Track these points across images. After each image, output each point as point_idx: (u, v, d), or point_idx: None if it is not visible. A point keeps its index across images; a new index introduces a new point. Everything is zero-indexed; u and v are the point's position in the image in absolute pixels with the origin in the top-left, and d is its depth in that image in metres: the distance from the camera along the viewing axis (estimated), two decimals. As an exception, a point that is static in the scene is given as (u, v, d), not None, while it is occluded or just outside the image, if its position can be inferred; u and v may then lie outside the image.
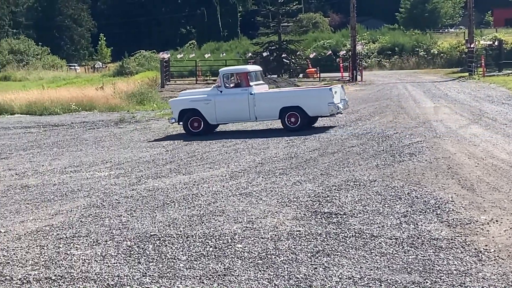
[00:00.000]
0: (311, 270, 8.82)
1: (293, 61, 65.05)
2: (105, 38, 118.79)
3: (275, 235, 10.55)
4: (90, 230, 11.41)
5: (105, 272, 9.03)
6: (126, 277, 8.78)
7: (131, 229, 11.36)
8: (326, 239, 10.16)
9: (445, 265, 8.66)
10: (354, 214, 11.59)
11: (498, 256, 8.92)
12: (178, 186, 15.03)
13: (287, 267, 8.98)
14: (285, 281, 8.48)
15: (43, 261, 9.67)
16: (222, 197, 13.57)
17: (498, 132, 20.81)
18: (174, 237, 10.67)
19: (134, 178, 16.60)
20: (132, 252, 9.96)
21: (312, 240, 10.22)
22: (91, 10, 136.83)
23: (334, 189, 13.70)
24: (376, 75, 62.28)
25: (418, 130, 22.05)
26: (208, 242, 10.28)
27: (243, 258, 9.47)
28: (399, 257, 9.10)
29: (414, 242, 9.70)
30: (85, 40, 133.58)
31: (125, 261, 9.52)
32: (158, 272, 8.96)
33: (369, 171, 15.39)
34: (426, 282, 8.10)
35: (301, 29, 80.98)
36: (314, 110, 24.05)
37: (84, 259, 9.66)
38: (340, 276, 8.52)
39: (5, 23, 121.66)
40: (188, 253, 9.78)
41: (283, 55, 64.05)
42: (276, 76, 53.71)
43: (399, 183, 13.81)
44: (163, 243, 10.34)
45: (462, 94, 36.98)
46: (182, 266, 9.17)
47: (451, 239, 9.74)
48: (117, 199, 14.02)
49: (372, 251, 9.41)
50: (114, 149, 22.90)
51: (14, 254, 10.13)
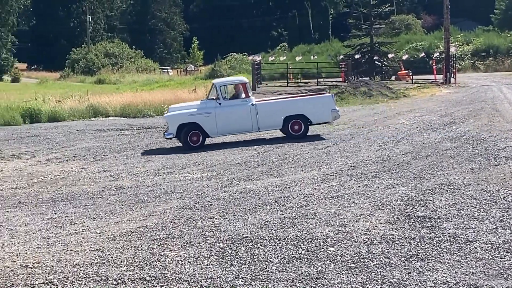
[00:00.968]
0: (405, 275, 8.70)
1: (385, 63, 64.44)
2: (197, 41, 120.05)
3: (368, 239, 10.45)
4: (183, 232, 11.51)
5: (198, 273, 9.09)
6: (219, 278, 8.82)
7: (224, 231, 11.42)
8: (419, 244, 10.01)
9: (544, 272, 8.44)
10: (448, 218, 11.39)
11: None
12: (270, 189, 15.04)
13: (381, 271, 8.88)
14: (378, 285, 8.39)
15: (138, 261, 9.80)
16: (314, 200, 13.52)
17: None
18: (266, 239, 10.68)
19: (226, 180, 16.70)
20: (224, 254, 10.00)
21: (405, 244, 10.09)
22: (184, 14, 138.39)
23: (428, 192, 13.50)
24: (470, 77, 61.18)
25: (514, 133, 21.57)
26: (300, 245, 10.25)
27: (336, 261, 9.41)
28: (495, 262, 8.90)
29: (510, 248, 9.47)
30: (177, 43, 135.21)
31: (217, 262, 9.57)
32: (251, 274, 8.97)
33: (463, 175, 15.11)
34: (524, 289, 7.90)
35: (393, 31, 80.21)
36: (317, 117, 24.47)
37: (177, 261, 9.75)
38: (434, 281, 8.39)
39: (100, 27, 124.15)
40: (280, 255, 9.77)
41: (375, 57, 63.54)
42: (367, 78, 53.30)
43: (495, 187, 13.52)
44: (255, 246, 10.36)
45: (560, 96, 36.02)
46: (275, 269, 9.16)
47: (550, 245, 9.48)
48: (209, 201, 14.12)
49: (467, 256, 9.23)
50: (206, 151, 23.09)
51: (109, 254, 10.29)
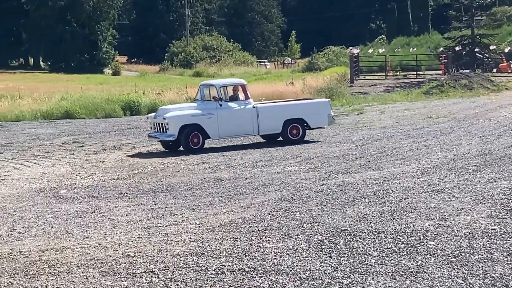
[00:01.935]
0: (508, 270, 8.52)
1: (486, 55, 63.11)
2: (295, 34, 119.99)
3: (469, 233, 10.27)
4: (281, 224, 11.53)
5: (296, 265, 9.09)
6: (317, 271, 8.80)
7: (322, 223, 11.39)
8: (523, 239, 9.78)
9: None
10: (553, 213, 11.09)
11: None
12: (368, 182, 14.93)
13: (482, 266, 8.71)
14: (480, 280, 8.23)
15: (237, 252, 9.86)
16: (414, 193, 13.35)
17: None
18: (365, 232, 10.60)
19: (324, 173, 16.65)
20: (323, 246, 9.97)
21: (508, 239, 9.88)
22: (281, 7, 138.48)
23: (532, 187, 13.17)
24: None
25: None
26: (399, 239, 10.14)
27: (436, 255, 9.27)
28: None
29: None
30: (275, 36, 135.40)
31: (316, 255, 9.55)
32: (350, 267, 8.92)
33: None
34: None
35: (495, 22, 78.35)
36: (315, 121, 24.18)
37: (276, 252, 9.76)
38: (539, 277, 8.18)
39: (198, 20, 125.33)
40: (379, 249, 9.69)
41: (476, 50, 62.29)
42: (468, 71, 52.30)
43: None
44: (354, 238, 10.29)
45: None
46: (374, 262, 9.08)
47: None
48: (307, 194, 14.10)
49: None
50: (303, 144, 23.09)
51: (208, 245, 10.38)
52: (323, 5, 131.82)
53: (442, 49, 66.32)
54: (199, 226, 11.75)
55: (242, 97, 23.52)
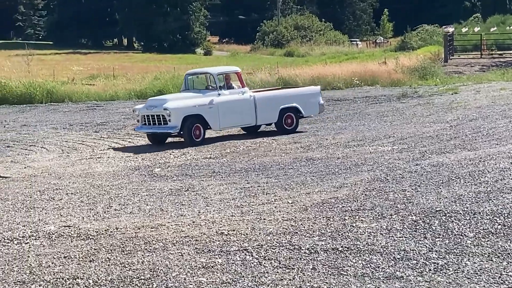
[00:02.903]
0: None
1: None
2: (388, 13, 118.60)
3: None
4: (374, 204, 11.45)
5: (390, 245, 9.02)
6: (412, 251, 8.71)
7: (416, 204, 11.26)
8: None
9: None
10: None
11: None
12: (463, 162, 14.68)
13: None
14: None
15: (330, 232, 9.84)
16: (510, 174, 13.06)
17: None
18: (460, 213, 10.43)
19: (418, 153, 16.45)
20: (417, 227, 9.86)
21: None
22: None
23: None
24: None
25: None
26: (496, 220, 9.95)
27: (534, 238, 9.07)
28: None
29: None
30: (367, 15, 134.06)
31: (410, 235, 9.45)
32: (445, 248, 8.80)
33: None
34: None
35: None
36: (308, 110, 23.29)
37: (369, 232, 9.71)
38: None
39: (290, 0, 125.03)
40: (475, 230, 9.53)
41: None
42: None
43: None
44: (449, 219, 10.14)
45: None
46: (469, 243, 8.94)
47: None
48: (401, 174, 13.96)
49: None
50: (396, 124, 22.86)
51: (301, 224, 10.39)
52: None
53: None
54: (292, 205, 11.77)
55: (235, 85, 22.35)
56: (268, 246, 9.26)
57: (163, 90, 39.85)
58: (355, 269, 8.17)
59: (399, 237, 9.39)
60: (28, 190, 14.60)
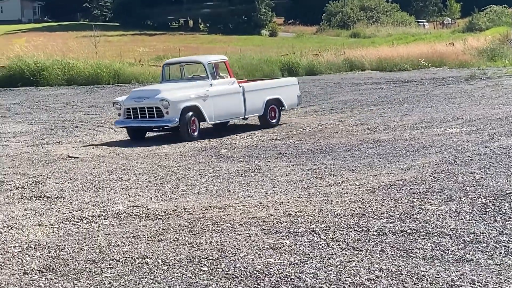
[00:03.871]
0: None
1: None
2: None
3: None
4: (443, 186, 11.31)
5: (460, 228, 8.90)
6: (482, 234, 8.58)
7: (486, 186, 11.09)
8: None
9: None
10: None
11: None
12: (534, 145, 14.40)
13: None
14: None
15: (398, 214, 9.75)
16: None
17: None
18: (531, 197, 10.25)
19: (487, 135, 16.20)
20: (487, 209, 9.71)
21: None
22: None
23: None
24: None
25: None
26: None
27: None
28: None
29: None
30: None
31: (480, 218, 9.31)
32: (517, 231, 8.66)
33: None
34: None
35: None
36: (290, 102, 21.79)
37: (438, 215, 9.59)
38: None
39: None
40: (547, 214, 9.35)
41: None
42: None
43: None
44: (520, 203, 9.97)
45: None
46: (542, 227, 8.78)
47: None
48: (469, 156, 13.76)
49: None
50: (465, 105, 22.55)
51: (369, 206, 10.33)
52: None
53: None
54: (359, 187, 11.70)
55: (224, 75, 20.63)
56: (335, 227, 9.22)
57: (229, 72, 39.95)
58: (424, 251, 8.09)
59: (469, 220, 9.26)
60: (96, 170, 14.79)
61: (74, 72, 40.14)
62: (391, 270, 7.53)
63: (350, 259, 7.94)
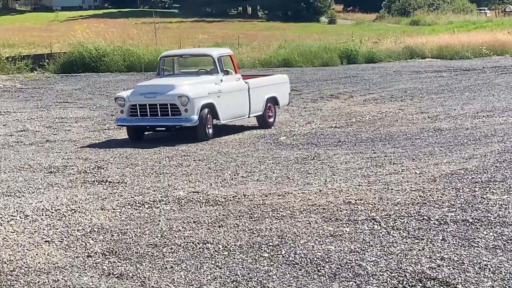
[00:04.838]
0: None
1: None
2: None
3: None
4: (505, 176, 11.18)
5: (523, 218, 8.81)
6: (545, 225, 8.48)
7: (549, 177, 10.94)
8: None
9: None
10: None
11: None
12: None
13: None
14: None
15: (459, 203, 9.67)
16: None
17: None
18: None
19: (551, 125, 15.96)
20: (551, 200, 9.58)
21: None
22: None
23: None
24: None
25: None
26: None
27: None
28: None
29: None
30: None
31: (544, 209, 9.20)
32: None
33: None
34: None
35: None
36: (283, 100, 19.86)
37: (500, 204, 9.49)
38: None
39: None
40: None
41: None
42: None
43: None
44: None
45: None
46: None
47: None
48: (533, 146, 13.58)
49: None
50: (527, 94, 22.22)
51: (430, 195, 10.25)
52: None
53: None
54: (420, 176, 11.63)
55: (230, 70, 18.52)
56: (396, 216, 9.19)
57: (288, 59, 39.94)
58: (486, 241, 8.02)
59: (532, 210, 9.16)
60: (157, 156, 14.93)
61: (134, 58, 40.46)
62: (453, 259, 7.48)
63: (411, 248, 7.91)
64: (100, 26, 58.70)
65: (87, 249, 8.51)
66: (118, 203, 10.71)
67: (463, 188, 10.54)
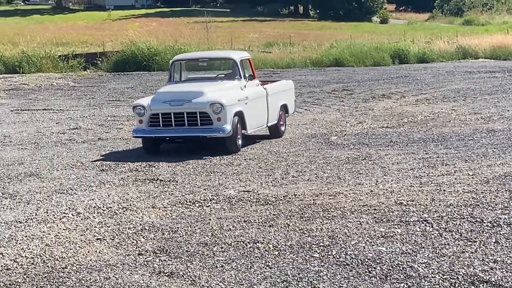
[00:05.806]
0: None
1: None
2: None
3: None
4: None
5: None
6: None
7: None
8: None
9: None
10: None
11: None
12: None
13: None
14: None
15: (514, 205, 9.55)
16: None
17: None
18: None
19: None
20: None
21: None
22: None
23: None
24: None
25: None
26: None
27: None
28: None
29: None
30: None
31: None
32: None
33: None
34: None
35: None
36: (291, 108, 18.29)
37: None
38: None
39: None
40: None
41: None
42: None
43: None
44: None
45: None
46: None
47: None
48: None
49: None
50: None
51: (483, 196, 10.13)
52: None
53: None
54: (473, 177, 11.49)
55: (249, 75, 16.66)
56: (448, 217, 9.09)
57: (340, 59, 39.78)
58: (541, 245, 7.90)
59: None
60: (208, 154, 14.94)
61: (187, 57, 40.63)
62: (506, 262, 7.38)
63: (464, 250, 7.82)
64: (152, 25, 59.14)
65: (138, 247, 8.57)
66: (169, 202, 10.76)
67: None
